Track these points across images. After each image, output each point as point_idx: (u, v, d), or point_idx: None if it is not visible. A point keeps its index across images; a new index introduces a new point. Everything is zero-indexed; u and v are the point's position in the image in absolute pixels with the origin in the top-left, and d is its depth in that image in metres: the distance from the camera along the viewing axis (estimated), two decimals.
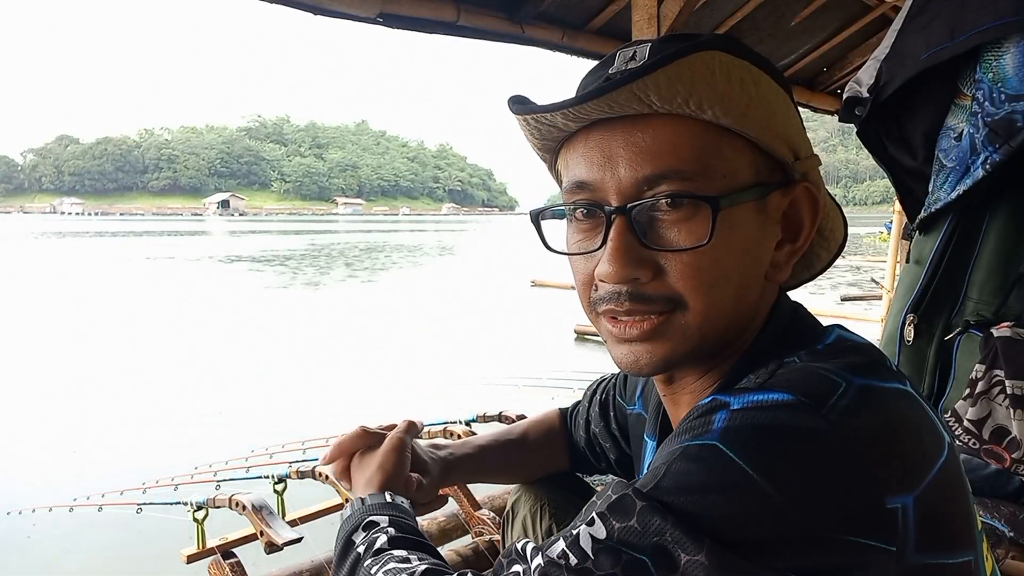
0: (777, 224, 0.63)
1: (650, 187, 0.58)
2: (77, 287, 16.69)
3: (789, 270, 0.65)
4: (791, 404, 0.51)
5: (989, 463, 1.23)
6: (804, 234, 0.64)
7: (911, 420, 0.54)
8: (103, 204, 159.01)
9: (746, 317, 0.63)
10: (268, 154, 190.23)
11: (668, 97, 0.55)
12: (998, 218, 1.32)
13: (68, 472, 4.96)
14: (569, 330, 9.80)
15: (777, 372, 0.56)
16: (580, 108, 0.57)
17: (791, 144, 0.62)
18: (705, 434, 0.51)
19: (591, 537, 0.51)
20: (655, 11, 2.45)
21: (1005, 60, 1.25)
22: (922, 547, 0.50)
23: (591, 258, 0.62)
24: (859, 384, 0.53)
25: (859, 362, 0.56)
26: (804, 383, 0.53)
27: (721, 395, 0.55)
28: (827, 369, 0.54)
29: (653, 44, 0.59)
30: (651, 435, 0.82)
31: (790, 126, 0.62)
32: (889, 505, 0.49)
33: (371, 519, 0.73)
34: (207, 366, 8.34)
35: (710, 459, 0.50)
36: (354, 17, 2.26)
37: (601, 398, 1.02)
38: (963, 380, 1.29)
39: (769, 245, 0.62)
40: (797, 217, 0.64)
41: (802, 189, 0.63)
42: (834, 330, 0.63)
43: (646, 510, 0.50)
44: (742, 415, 0.51)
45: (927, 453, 0.53)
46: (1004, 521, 1.26)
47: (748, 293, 0.62)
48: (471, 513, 1.87)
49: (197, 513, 1.67)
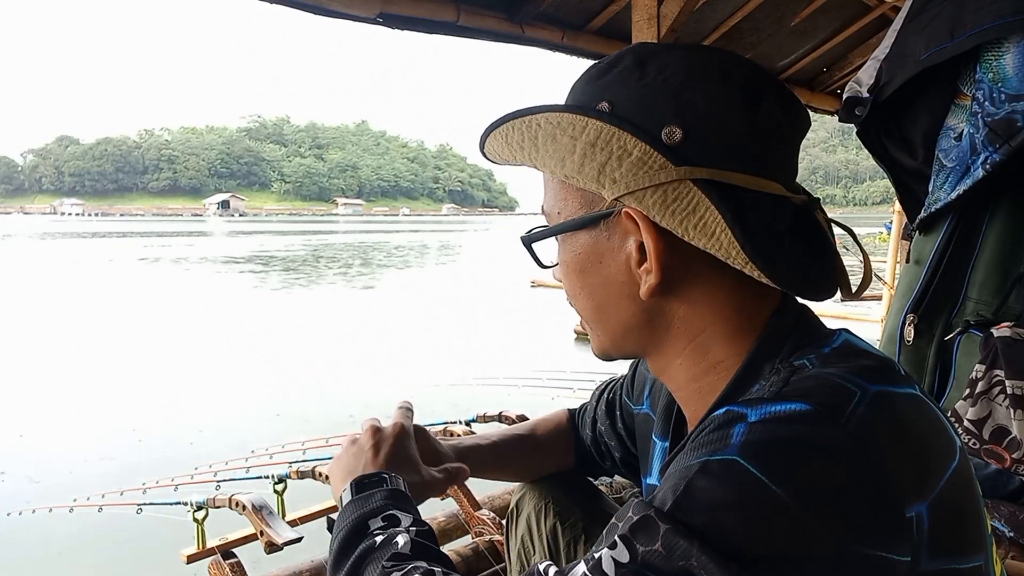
0: (631, 245, 0.64)
1: None
2: (73, 288, 16.68)
3: (645, 285, 0.64)
4: (809, 415, 0.51)
5: (989, 463, 1.23)
6: (650, 252, 0.63)
7: (925, 426, 0.54)
8: (103, 205, 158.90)
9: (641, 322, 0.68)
10: (268, 155, 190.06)
11: (505, 158, 0.71)
12: (998, 218, 1.32)
13: (68, 472, 4.96)
14: (569, 330, 9.80)
15: (791, 380, 0.55)
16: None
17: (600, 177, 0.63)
18: (724, 449, 0.51)
19: (614, 561, 0.50)
20: (655, 11, 2.45)
21: (1005, 60, 1.25)
22: (935, 553, 0.50)
23: None
24: (874, 391, 0.53)
25: (870, 366, 0.56)
26: (820, 392, 0.52)
27: (736, 407, 0.54)
28: (841, 376, 0.54)
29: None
30: (661, 436, 0.82)
31: (591, 162, 0.63)
32: (908, 515, 0.49)
33: (394, 513, 0.72)
34: (208, 366, 8.34)
35: (731, 475, 0.49)
36: (354, 17, 2.26)
37: (608, 397, 1.02)
38: (963, 380, 1.29)
39: (623, 264, 0.66)
40: (640, 239, 0.64)
41: (624, 215, 0.64)
42: (841, 334, 0.63)
43: (670, 533, 0.49)
44: (761, 428, 0.51)
45: (940, 459, 0.53)
46: (1004, 521, 1.26)
47: (618, 306, 0.68)
48: (471, 513, 1.87)
49: (197, 513, 1.67)
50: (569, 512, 1.03)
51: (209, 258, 26.77)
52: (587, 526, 1.01)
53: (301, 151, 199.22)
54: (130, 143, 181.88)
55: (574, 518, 1.02)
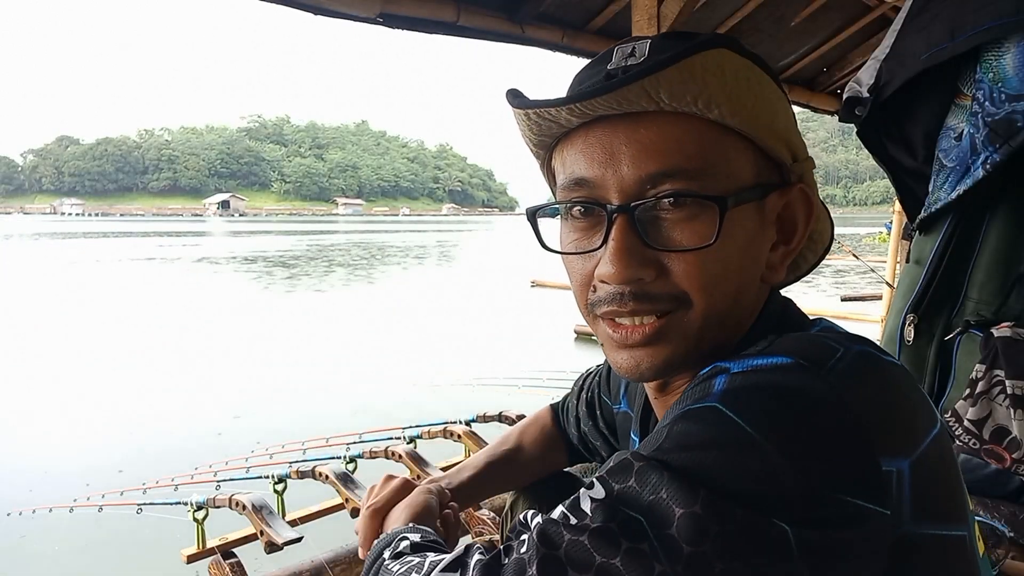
0: (772, 226, 0.63)
1: (653, 185, 0.57)
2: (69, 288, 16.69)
3: (784, 272, 0.65)
4: (791, 366, 0.51)
5: (989, 463, 1.23)
6: (798, 236, 0.64)
7: (907, 388, 0.54)
8: (103, 205, 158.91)
9: (741, 319, 0.63)
10: (268, 155, 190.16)
11: (678, 95, 0.55)
12: (998, 218, 1.32)
13: (68, 472, 4.96)
14: (569, 330, 9.80)
15: (775, 341, 0.56)
16: (586, 104, 0.56)
17: (790, 146, 0.62)
18: (705, 398, 0.52)
19: (590, 498, 0.52)
20: (655, 11, 2.45)
21: (1005, 60, 1.25)
22: (917, 515, 0.50)
23: (589, 258, 0.61)
24: (857, 350, 0.53)
25: (856, 336, 0.57)
26: (804, 348, 0.53)
27: (722, 362, 0.55)
28: (827, 337, 0.55)
29: (653, 41, 0.59)
30: (639, 434, 0.82)
31: (790, 128, 0.62)
32: (884, 468, 0.49)
33: (402, 535, 0.73)
34: (209, 366, 8.34)
35: (709, 419, 0.50)
36: (354, 17, 2.26)
37: (587, 396, 1.03)
38: (963, 380, 1.29)
39: (765, 247, 0.63)
40: (792, 219, 0.64)
41: (798, 191, 0.63)
42: (821, 321, 0.64)
43: (644, 468, 0.50)
44: (742, 378, 0.52)
45: (922, 422, 0.53)
46: (1004, 521, 1.26)
47: (746, 294, 0.62)
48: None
49: (197, 513, 1.67)
50: None
51: (209, 258, 26.78)
52: None
53: (301, 151, 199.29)
54: (130, 143, 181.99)
55: None
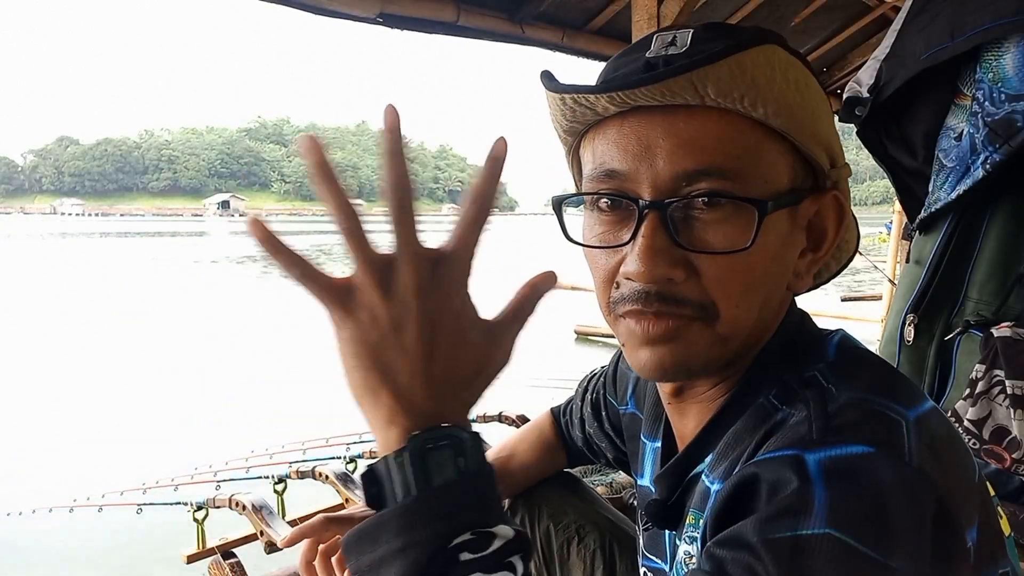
0: (803, 232, 0.61)
1: (689, 183, 0.54)
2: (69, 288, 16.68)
3: (810, 280, 0.63)
4: (874, 457, 0.48)
5: (989, 463, 1.23)
6: (827, 244, 0.62)
7: (956, 442, 0.53)
8: (103, 205, 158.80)
9: (765, 326, 0.61)
10: (268, 155, 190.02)
11: (725, 90, 0.52)
12: (998, 218, 1.32)
13: (67, 473, 4.96)
14: (569, 330, 9.80)
15: (828, 410, 0.52)
16: (627, 93, 0.53)
17: (830, 151, 0.60)
18: (809, 518, 0.46)
19: None
20: (655, 11, 2.45)
21: (1005, 60, 1.25)
22: (977, 566, 0.50)
23: (614, 253, 0.59)
24: (914, 418, 0.51)
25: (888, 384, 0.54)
26: (871, 428, 0.50)
27: (791, 450, 0.49)
28: (878, 403, 0.51)
29: (695, 31, 0.56)
30: (650, 436, 0.79)
31: (831, 132, 0.60)
32: (968, 544, 0.48)
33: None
34: (210, 366, 8.34)
35: (831, 552, 0.45)
36: (354, 17, 2.26)
37: (592, 398, 1.00)
38: (963, 380, 1.29)
39: (794, 253, 0.60)
40: (822, 226, 0.62)
41: (831, 198, 0.61)
42: (837, 334, 0.62)
43: None
44: (838, 486, 0.47)
45: (972, 475, 0.53)
46: None
47: (772, 302, 0.60)
48: None
49: (197, 513, 1.67)
50: (562, 514, 1.03)
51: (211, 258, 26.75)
52: (580, 527, 1.02)
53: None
54: (130, 143, 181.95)
55: (567, 520, 1.02)
